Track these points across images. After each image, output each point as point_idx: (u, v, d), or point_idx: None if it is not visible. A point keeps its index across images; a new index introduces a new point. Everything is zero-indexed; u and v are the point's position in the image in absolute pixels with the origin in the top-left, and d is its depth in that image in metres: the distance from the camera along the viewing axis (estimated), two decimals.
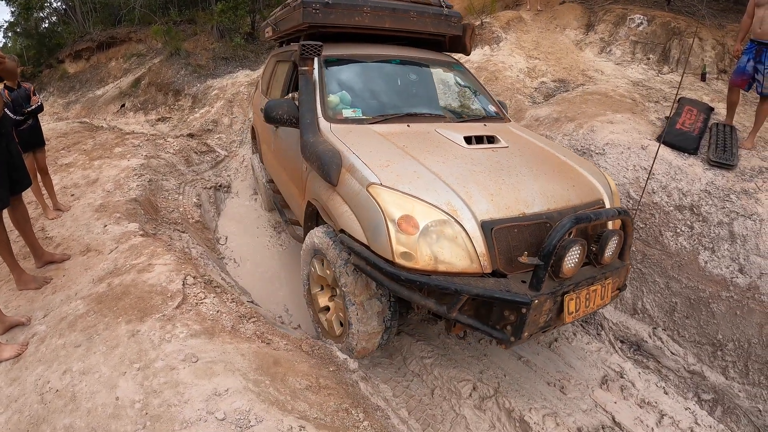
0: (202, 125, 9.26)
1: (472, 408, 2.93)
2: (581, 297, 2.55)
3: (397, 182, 2.55)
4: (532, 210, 2.60)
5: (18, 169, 3.20)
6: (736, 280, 3.58)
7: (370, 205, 2.52)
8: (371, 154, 2.83)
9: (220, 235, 5.17)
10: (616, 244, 2.70)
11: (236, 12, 13.18)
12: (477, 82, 4.42)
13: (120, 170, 5.31)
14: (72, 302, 2.95)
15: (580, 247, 2.44)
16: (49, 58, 18.27)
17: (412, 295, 2.45)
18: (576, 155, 3.52)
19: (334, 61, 3.83)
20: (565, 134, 5.11)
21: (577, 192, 2.87)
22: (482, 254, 2.42)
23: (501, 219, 2.50)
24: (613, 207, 2.91)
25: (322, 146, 2.97)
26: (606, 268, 2.70)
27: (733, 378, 3.33)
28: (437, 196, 2.50)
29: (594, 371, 3.38)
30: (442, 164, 2.77)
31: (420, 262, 2.38)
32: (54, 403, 2.22)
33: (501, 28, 8.62)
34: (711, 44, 7.02)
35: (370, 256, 2.49)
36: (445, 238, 2.42)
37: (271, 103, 3.44)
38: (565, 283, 2.46)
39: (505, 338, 2.39)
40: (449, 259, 2.41)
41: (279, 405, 2.15)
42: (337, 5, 3.79)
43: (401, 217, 2.40)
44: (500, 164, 2.88)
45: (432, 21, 4.20)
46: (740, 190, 4.03)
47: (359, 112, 3.49)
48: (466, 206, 2.48)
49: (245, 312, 3.05)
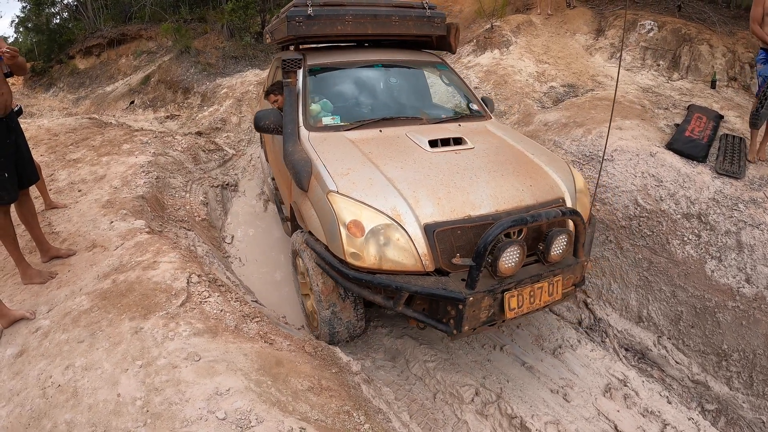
0: (210, 123, 9.30)
1: (474, 413, 2.92)
2: (524, 294, 2.69)
3: (352, 190, 2.82)
4: (479, 212, 2.79)
5: (26, 165, 3.22)
6: (743, 290, 3.55)
7: (328, 210, 2.81)
8: (336, 163, 3.09)
9: (226, 234, 5.19)
10: (566, 242, 2.81)
11: (246, 11, 13.23)
12: (460, 80, 4.53)
13: (127, 167, 5.33)
14: (76, 298, 2.96)
15: (518, 248, 2.58)
16: (60, 53, 18.39)
17: (362, 291, 2.76)
18: (548, 152, 3.63)
19: (317, 70, 4.07)
20: (574, 140, 5.09)
21: (534, 192, 3.01)
22: (424, 255, 2.66)
23: (444, 222, 2.71)
24: (565, 207, 3.00)
25: (297, 155, 3.25)
26: (555, 266, 2.82)
27: (737, 388, 3.31)
28: (384, 202, 2.75)
29: (598, 379, 3.36)
30: (399, 170, 3.00)
31: (367, 262, 2.66)
32: (56, 398, 2.23)
33: (511, 31, 8.60)
34: (721, 51, 6.98)
35: (327, 255, 2.83)
36: (390, 240, 2.67)
37: (259, 114, 3.73)
38: (505, 281, 2.62)
39: (449, 330, 2.61)
40: (393, 259, 2.66)
41: (280, 406, 2.15)
42: (320, 16, 3.96)
43: (350, 222, 2.67)
44: (458, 167, 3.07)
45: (414, 23, 4.28)
46: (748, 199, 4.00)
47: (338, 119, 3.73)
48: (411, 210, 2.71)
49: (249, 311, 3.06)
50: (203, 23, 15.09)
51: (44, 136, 6.78)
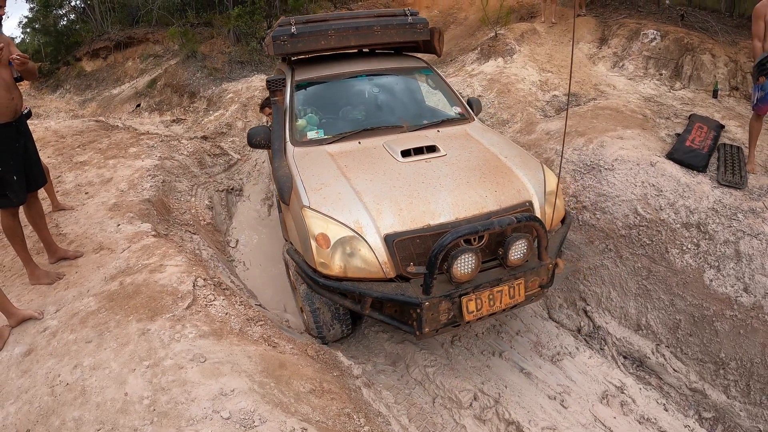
0: (216, 128, 9.35)
1: (472, 418, 2.96)
2: (483, 298, 2.81)
3: (322, 204, 3.00)
4: (438, 221, 2.91)
5: (34, 167, 3.28)
6: (741, 299, 3.59)
7: (302, 224, 3.00)
8: (312, 178, 3.26)
9: (230, 238, 5.24)
10: (525, 246, 2.87)
11: (253, 17, 13.30)
12: (444, 83, 4.60)
13: (134, 170, 5.39)
14: (84, 299, 3.01)
15: (472, 255, 2.69)
16: (67, 55, 18.43)
17: (332, 296, 2.91)
18: (524, 153, 3.72)
19: (304, 85, 4.19)
20: (575, 149, 5.14)
21: (498, 197, 3.11)
22: (384, 263, 2.82)
23: (403, 232, 2.85)
24: (521, 213, 3.05)
25: (281, 171, 3.40)
26: (517, 270, 2.92)
27: (734, 397, 3.33)
28: (349, 216, 2.91)
29: (595, 386, 3.39)
30: (368, 182, 3.15)
31: (334, 270, 2.84)
32: (64, 396, 2.28)
33: (515, 40, 8.66)
34: (723, 61, 7.01)
35: (302, 264, 3.04)
36: (354, 250, 2.84)
37: (251, 131, 3.94)
38: (462, 286, 2.74)
39: (412, 331, 2.77)
40: (358, 267, 2.83)
41: (283, 407, 2.19)
42: (303, 34, 4.11)
43: (318, 234, 2.86)
44: (425, 176, 3.19)
45: (397, 31, 4.38)
46: (748, 209, 4.04)
47: (321, 132, 3.83)
48: (372, 222, 2.87)
49: (253, 315, 3.11)
50: (210, 28, 15.13)
51: (51, 138, 6.85)
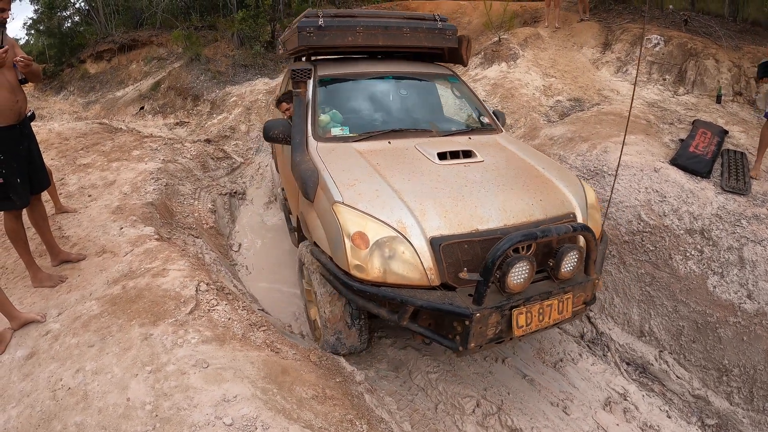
0: (219, 131, 9.37)
1: (474, 424, 2.95)
2: (533, 311, 2.62)
3: (358, 201, 2.78)
4: (487, 226, 2.73)
5: (38, 170, 3.28)
6: (744, 306, 3.58)
7: (333, 221, 2.77)
8: (342, 173, 3.05)
9: (233, 242, 5.24)
10: (577, 259, 2.74)
11: (257, 20, 13.34)
12: (471, 93, 4.49)
13: (137, 173, 5.40)
14: (86, 302, 3.01)
15: (528, 264, 2.51)
16: (71, 57, 18.49)
17: (366, 304, 2.70)
18: (558, 166, 3.57)
19: (327, 81, 4.05)
20: (579, 154, 5.13)
21: (544, 206, 2.94)
22: (429, 268, 2.60)
23: (450, 235, 2.65)
24: (576, 222, 2.95)
25: (305, 165, 3.21)
26: (566, 283, 2.75)
27: (737, 404, 3.32)
28: (390, 214, 2.69)
29: (598, 393, 3.38)
30: (407, 182, 2.96)
31: (371, 274, 2.60)
32: (66, 401, 2.27)
33: (518, 44, 8.67)
34: (727, 66, 7.01)
35: (332, 267, 2.80)
36: (395, 253, 2.61)
37: (268, 123, 3.75)
38: (513, 298, 2.55)
39: (455, 347, 2.56)
40: (398, 272, 2.60)
41: (285, 413, 2.19)
42: (331, 27, 3.96)
43: (355, 233, 2.63)
44: (467, 180, 3.02)
45: (426, 35, 4.28)
46: (751, 215, 4.03)
47: (347, 130, 3.70)
48: (417, 223, 2.66)
49: (256, 320, 3.10)
50: (214, 31, 15.18)
51: (55, 140, 6.87)
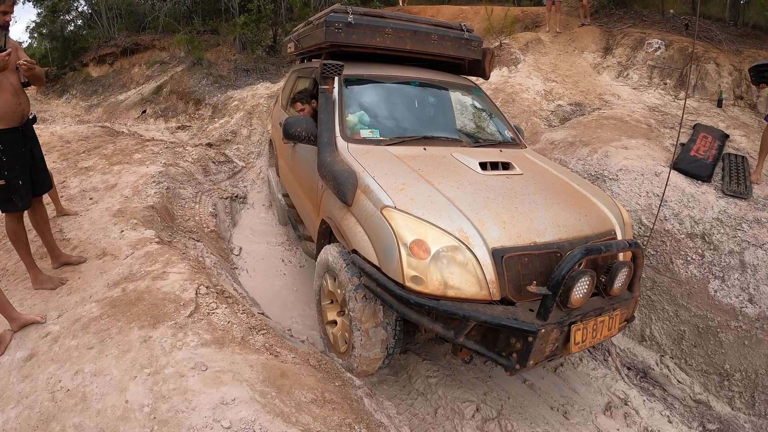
0: (220, 135, 9.38)
1: (474, 429, 2.94)
2: (588, 327, 2.54)
3: (411, 206, 2.58)
4: (544, 239, 2.61)
5: (40, 172, 3.28)
6: (746, 310, 3.57)
7: (383, 228, 2.55)
8: (387, 177, 2.86)
9: (234, 246, 5.24)
10: (626, 275, 2.69)
11: (259, 25, 13.38)
12: (494, 106, 4.40)
13: (138, 176, 5.40)
14: (86, 304, 3.00)
15: (590, 279, 2.44)
16: (73, 60, 18.57)
17: (421, 319, 2.48)
18: (590, 184, 3.51)
19: (354, 81, 3.85)
20: (579, 159, 5.13)
21: (590, 222, 2.87)
22: (491, 282, 2.44)
23: (512, 247, 2.51)
24: (625, 239, 2.90)
25: (339, 166, 3.01)
26: (615, 300, 2.68)
27: (739, 408, 3.31)
28: (450, 222, 2.52)
29: (598, 397, 3.37)
30: (456, 189, 2.79)
31: (429, 287, 2.39)
32: (64, 402, 2.27)
33: (519, 49, 8.68)
34: (728, 70, 7.02)
35: (380, 278, 2.52)
36: (456, 264, 2.43)
37: (290, 120, 3.49)
38: (572, 314, 2.46)
39: (511, 366, 2.41)
40: (458, 285, 2.42)
41: (284, 417, 2.18)
42: (360, 25, 3.81)
43: (413, 242, 2.42)
44: (514, 191, 2.89)
45: (452, 44, 4.20)
46: (753, 219, 4.02)
47: (377, 132, 3.52)
48: (478, 233, 2.49)
49: (255, 324, 3.09)
50: (216, 35, 15.24)
51: (57, 143, 6.88)
